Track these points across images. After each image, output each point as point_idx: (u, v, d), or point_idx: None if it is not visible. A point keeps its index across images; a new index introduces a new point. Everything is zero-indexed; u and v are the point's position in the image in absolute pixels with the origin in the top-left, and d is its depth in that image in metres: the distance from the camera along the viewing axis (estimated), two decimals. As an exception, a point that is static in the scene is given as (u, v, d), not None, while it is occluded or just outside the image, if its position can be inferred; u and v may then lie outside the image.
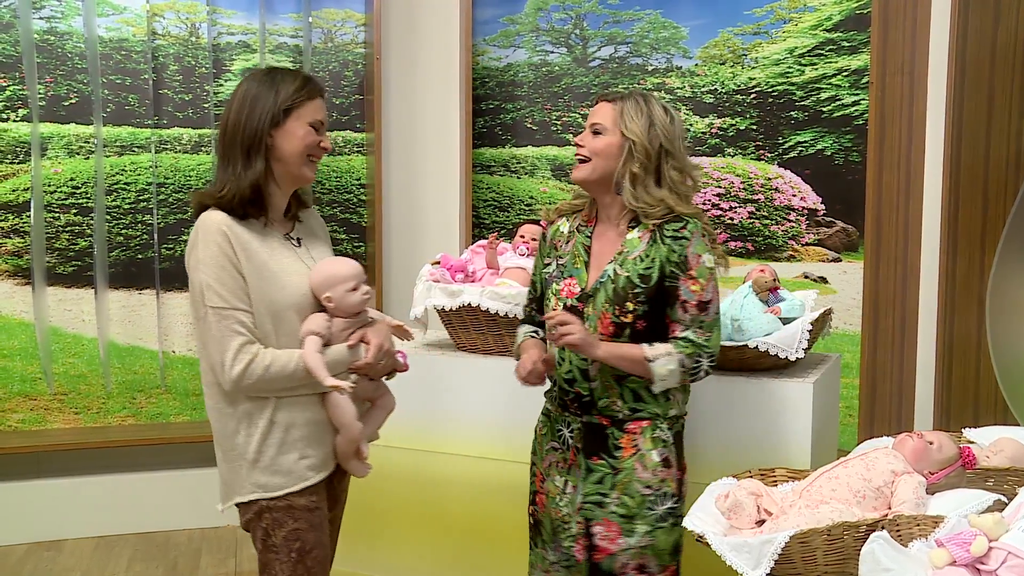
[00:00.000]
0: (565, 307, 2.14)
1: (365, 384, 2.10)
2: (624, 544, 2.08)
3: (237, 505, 2.04)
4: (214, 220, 1.96)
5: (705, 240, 2.09)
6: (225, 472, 2.05)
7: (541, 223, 2.88)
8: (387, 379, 2.17)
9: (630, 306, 2.06)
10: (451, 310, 2.80)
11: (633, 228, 2.12)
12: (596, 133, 2.13)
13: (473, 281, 2.88)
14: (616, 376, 2.09)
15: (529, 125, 4.12)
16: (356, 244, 4.19)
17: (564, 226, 2.25)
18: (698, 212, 2.12)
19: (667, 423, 2.11)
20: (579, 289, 2.14)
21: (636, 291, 2.06)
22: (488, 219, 4.14)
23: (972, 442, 2.35)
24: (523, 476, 2.32)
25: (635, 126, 2.09)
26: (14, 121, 3.78)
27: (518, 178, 4.14)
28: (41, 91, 3.80)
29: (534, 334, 2.30)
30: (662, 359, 2.04)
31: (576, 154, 2.16)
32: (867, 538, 1.64)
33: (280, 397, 1.99)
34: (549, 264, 2.24)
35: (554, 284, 2.19)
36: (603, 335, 2.09)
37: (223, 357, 1.93)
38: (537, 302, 2.30)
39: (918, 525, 1.74)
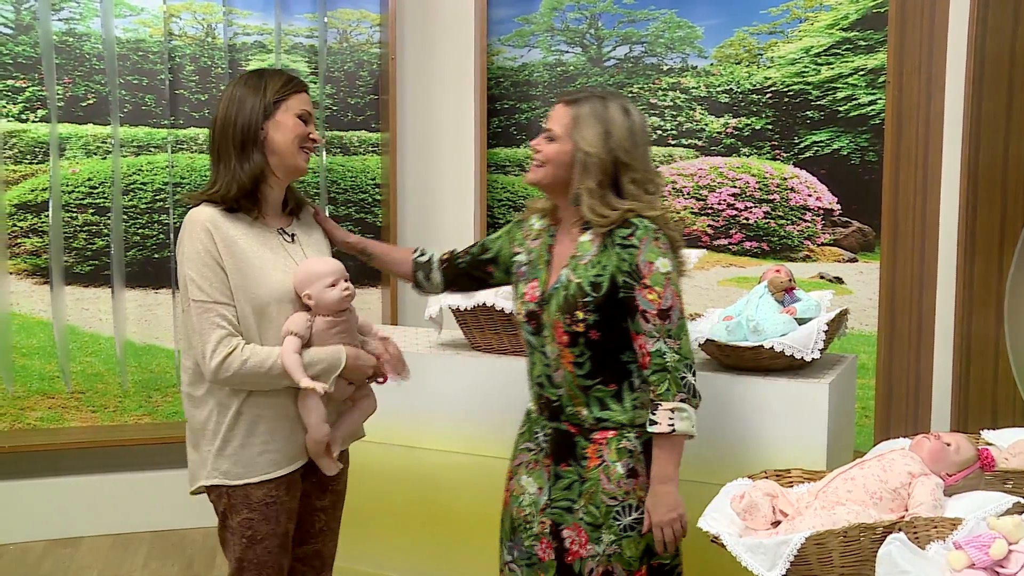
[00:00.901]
0: (527, 311, 2.11)
1: (343, 387, 2.11)
2: (592, 551, 2.06)
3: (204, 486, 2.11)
4: (199, 216, 2.03)
5: (658, 244, 1.99)
6: (193, 456, 2.12)
7: None
8: (370, 381, 2.20)
9: (580, 315, 2.01)
10: (466, 310, 2.80)
11: (586, 231, 2.06)
12: (550, 139, 2.08)
13: (488, 281, 2.89)
14: (581, 386, 2.06)
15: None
16: (371, 244, 4.20)
17: (537, 222, 2.21)
18: (659, 215, 2.03)
19: (635, 432, 2.06)
20: (539, 293, 2.11)
21: (586, 299, 2.01)
22: (503, 219, 4.14)
23: (990, 444, 2.33)
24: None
25: (588, 137, 2.02)
26: (33, 122, 3.81)
27: (533, 178, 4.13)
28: (59, 92, 3.82)
29: (419, 256, 2.34)
30: (675, 420, 1.96)
31: (532, 156, 2.11)
32: (884, 540, 1.63)
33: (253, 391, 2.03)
34: (519, 254, 2.20)
35: (520, 286, 2.17)
36: (559, 345, 2.05)
37: (204, 349, 1.99)
38: (471, 255, 2.30)
39: (936, 527, 1.72)
